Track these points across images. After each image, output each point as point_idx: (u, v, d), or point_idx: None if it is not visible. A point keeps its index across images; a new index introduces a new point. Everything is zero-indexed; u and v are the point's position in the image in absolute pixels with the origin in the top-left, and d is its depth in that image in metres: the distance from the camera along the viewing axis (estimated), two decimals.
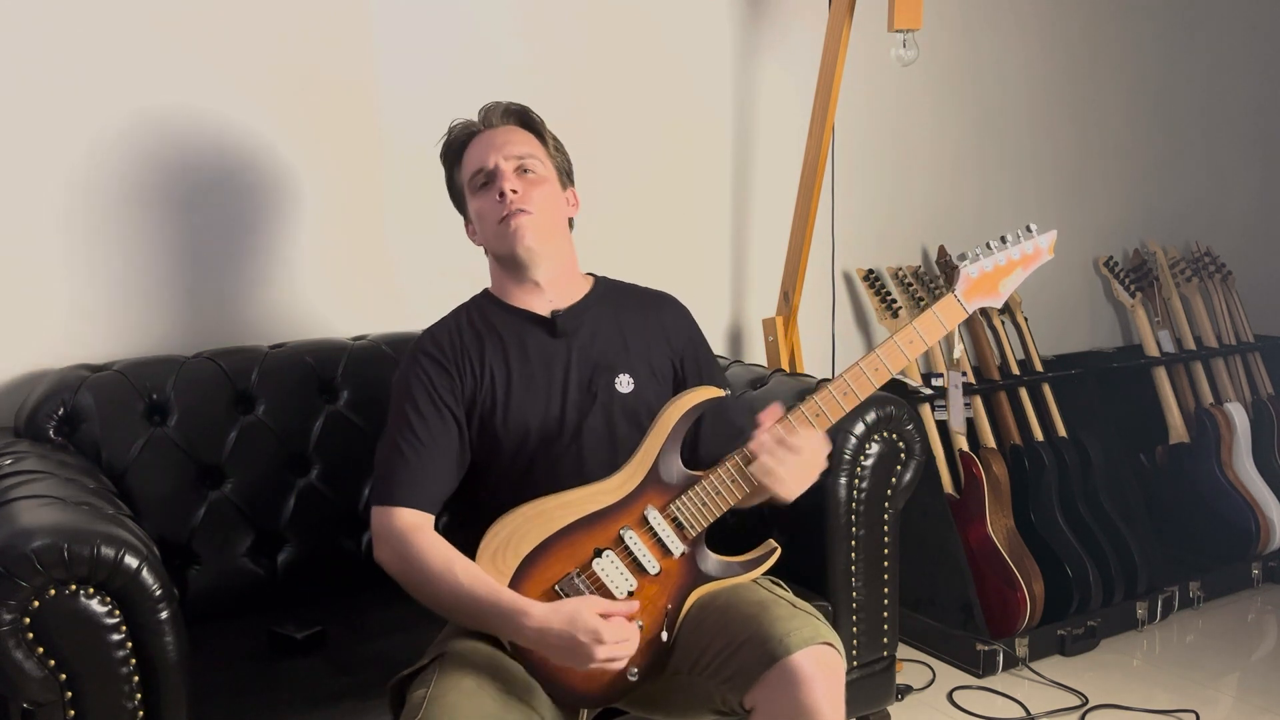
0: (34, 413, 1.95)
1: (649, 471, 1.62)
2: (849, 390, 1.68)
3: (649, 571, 1.59)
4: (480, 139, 1.77)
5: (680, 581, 1.62)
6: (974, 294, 1.72)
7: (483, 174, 1.74)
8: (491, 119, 1.79)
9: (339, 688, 1.73)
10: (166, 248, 2.20)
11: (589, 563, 1.58)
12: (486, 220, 1.74)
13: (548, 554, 1.57)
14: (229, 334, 2.25)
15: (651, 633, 1.59)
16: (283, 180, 2.30)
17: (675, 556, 1.61)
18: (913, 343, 1.69)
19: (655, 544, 1.60)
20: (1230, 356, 3.56)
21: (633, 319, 1.80)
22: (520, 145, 1.75)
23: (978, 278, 1.72)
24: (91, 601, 1.47)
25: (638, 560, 1.59)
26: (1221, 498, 3.32)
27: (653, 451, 1.63)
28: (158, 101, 2.15)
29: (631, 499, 1.61)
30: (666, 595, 1.60)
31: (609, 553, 1.58)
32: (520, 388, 1.70)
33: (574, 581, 1.56)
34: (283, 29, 2.26)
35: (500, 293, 1.80)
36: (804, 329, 2.87)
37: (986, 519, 2.86)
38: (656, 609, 1.60)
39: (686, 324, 1.86)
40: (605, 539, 1.59)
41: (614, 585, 1.57)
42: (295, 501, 2.10)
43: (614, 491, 1.61)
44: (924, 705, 2.62)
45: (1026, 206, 3.43)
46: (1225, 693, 2.70)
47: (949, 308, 1.71)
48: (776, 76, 2.89)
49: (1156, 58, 3.66)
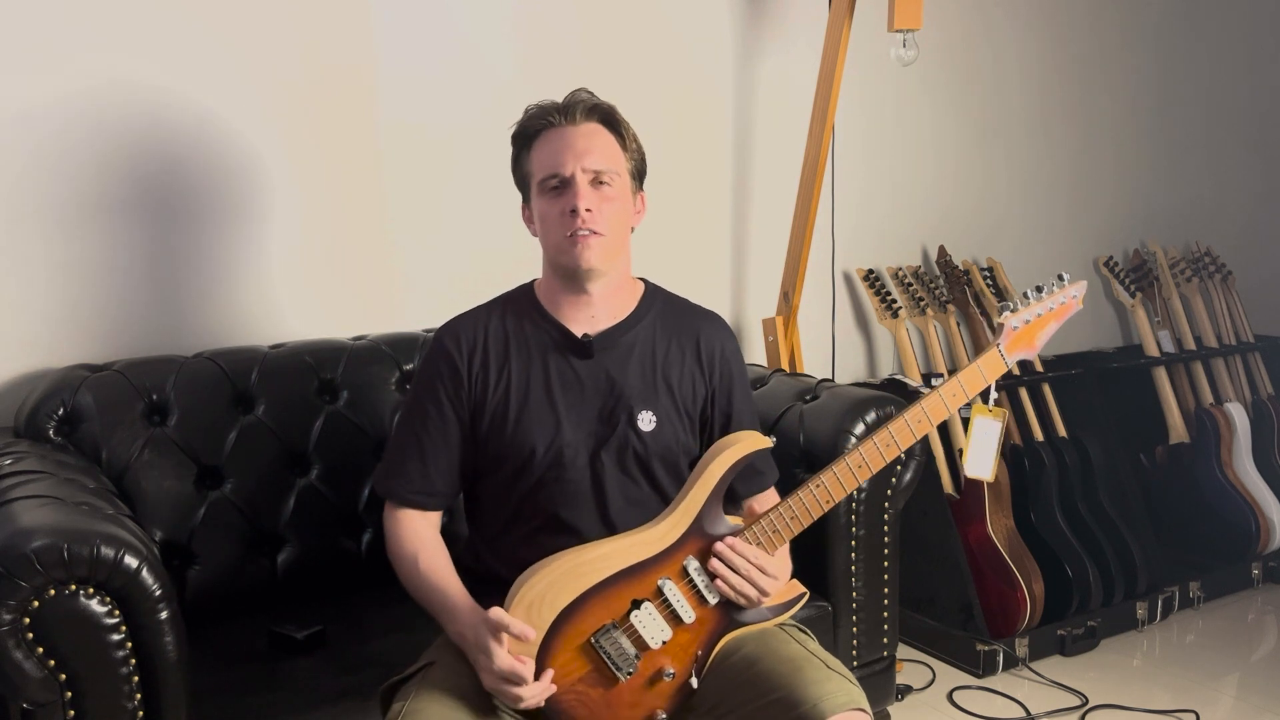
0: (34, 413, 1.95)
1: (692, 523, 1.58)
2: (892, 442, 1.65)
3: (685, 621, 1.56)
4: (558, 135, 1.65)
5: (712, 628, 1.59)
6: (1015, 347, 1.72)
7: (556, 179, 1.63)
8: (575, 114, 1.66)
9: (339, 688, 1.73)
10: (166, 247, 2.20)
11: (627, 615, 1.54)
12: (551, 227, 1.65)
13: (585, 606, 1.53)
14: (229, 334, 2.25)
15: (681, 679, 1.56)
16: (283, 179, 2.30)
17: (711, 606, 1.58)
18: (955, 395, 1.67)
19: (693, 594, 1.57)
20: (1230, 356, 3.56)
21: (672, 348, 1.72)
22: (600, 154, 1.64)
23: (1020, 330, 1.72)
24: (91, 601, 1.47)
25: (675, 611, 1.56)
26: (1221, 498, 3.32)
27: (698, 502, 1.59)
28: (156, 100, 2.15)
29: (672, 550, 1.57)
30: (698, 642, 1.58)
31: (648, 604, 1.55)
32: (534, 406, 1.66)
33: (611, 634, 1.53)
34: (282, 27, 2.26)
35: (545, 296, 1.72)
36: (804, 329, 2.87)
37: (986, 519, 2.86)
38: (687, 656, 1.57)
39: (724, 357, 1.76)
40: (644, 590, 1.55)
41: (650, 637, 1.54)
42: (295, 501, 2.10)
43: (656, 543, 1.57)
44: (924, 705, 2.62)
45: (1027, 206, 3.43)
46: (1225, 693, 2.70)
47: (992, 361, 1.69)
48: (777, 76, 2.89)
49: (1157, 58, 3.66)
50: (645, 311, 1.73)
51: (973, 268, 3.23)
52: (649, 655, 1.54)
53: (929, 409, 1.66)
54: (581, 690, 1.52)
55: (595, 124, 1.66)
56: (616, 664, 1.52)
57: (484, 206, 2.46)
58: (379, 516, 1.74)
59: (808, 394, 2.20)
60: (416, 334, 2.29)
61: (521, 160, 1.70)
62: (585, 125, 1.65)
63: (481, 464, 1.69)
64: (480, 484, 1.71)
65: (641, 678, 1.54)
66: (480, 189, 2.46)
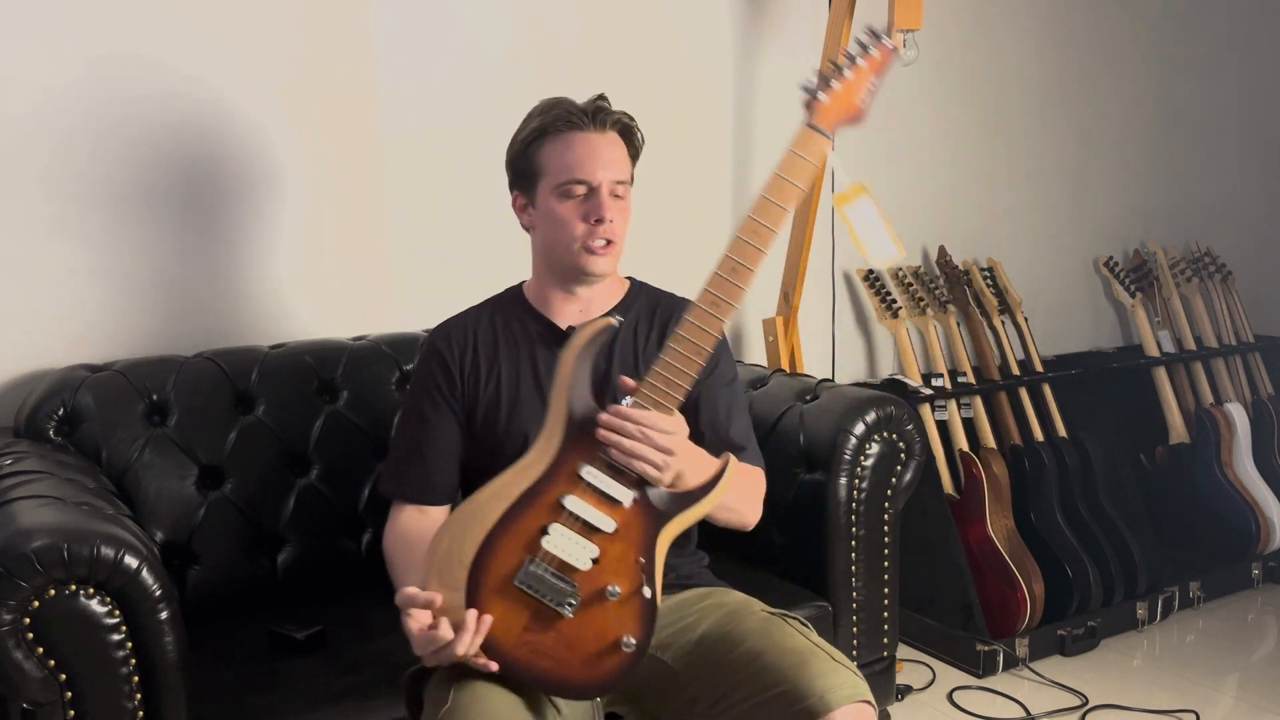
0: (34, 413, 1.95)
1: (565, 427, 1.50)
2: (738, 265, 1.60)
3: (605, 531, 1.47)
4: (585, 141, 1.67)
5: (642, 530, 1.49)
6: (831, 116, 1.59)
7: (583, 187, 1.66)
8: (605, 122, 1.69)
9: (339, 688, 1.72)
10: (166, 247, 2.20)
11: (539, 544, 1.45)
12: (565, 231, 1.67)
13: (494, 550, 1.45)
14: (229, 334, 2.25)
15: (630, 593, 1.46)
16: (283, 179, 2.30)
17: (627, 506, 1.48)
18: (782, 189, 1.57)
19: (601, 500, 1.47)
20: (1230, 356, 3.56)
21: (652, 335, 1.75)
22: (621, 166, 1.69)
23: (830, 101, 1.59)
24: (91, 601, 1.47)
25: (589, 523, 1.47)
26: (1221, 498, 3.32)
27: (561, 406, 1.51)
28: (156, 99, 2.15)
29: (559, 462, 1.49)
30: (635, 549, 1.48)
31: (555, 525, 1.46)
32: (525, 399, 1.70)
33: (531, 570, 1.44)
34: (282, 28, 2.26)
35: (534, 294, 1.77)
36: (804, 329, 2.87)
37: (986, 519, 2.86)
38: (628, 568, 1.47)
39: None
40: (548, 513, 1.47)
41: (574, 558, 1.44)
42: (295, 501, 2.10)
43: (538, 461, 1.49)
44: (924, 705, 2.62)
45: (1027, 206, 3.43)
46: (1225, 693, 2.70)
47: (806, 140, 1.57)
48: (777, 76, 2.89)
49: (1157, 58, 3.66)
50: (629, 305, 1.79)
51: (973, 268, 3.23)
52: (584, 579, 1.45)
53: (761, 215, 1.57)
54: (532, 639, 1.44)
55: (616, 134, 1.71)
56: (552, 598, 1.44)
57: (485, 207, 2.45)
58: (379, 516, 1.75)
59: (808, 394, 2.20)
60: (416, 334, 2.29)
61: (532, 151, 1.69)
62: (610, 134, 1.70)
63: (479, 458, 1.72)
64: (479, 477, 1.71)
65: (588, 607, 1.45)
66: (481, 189, 2.46)
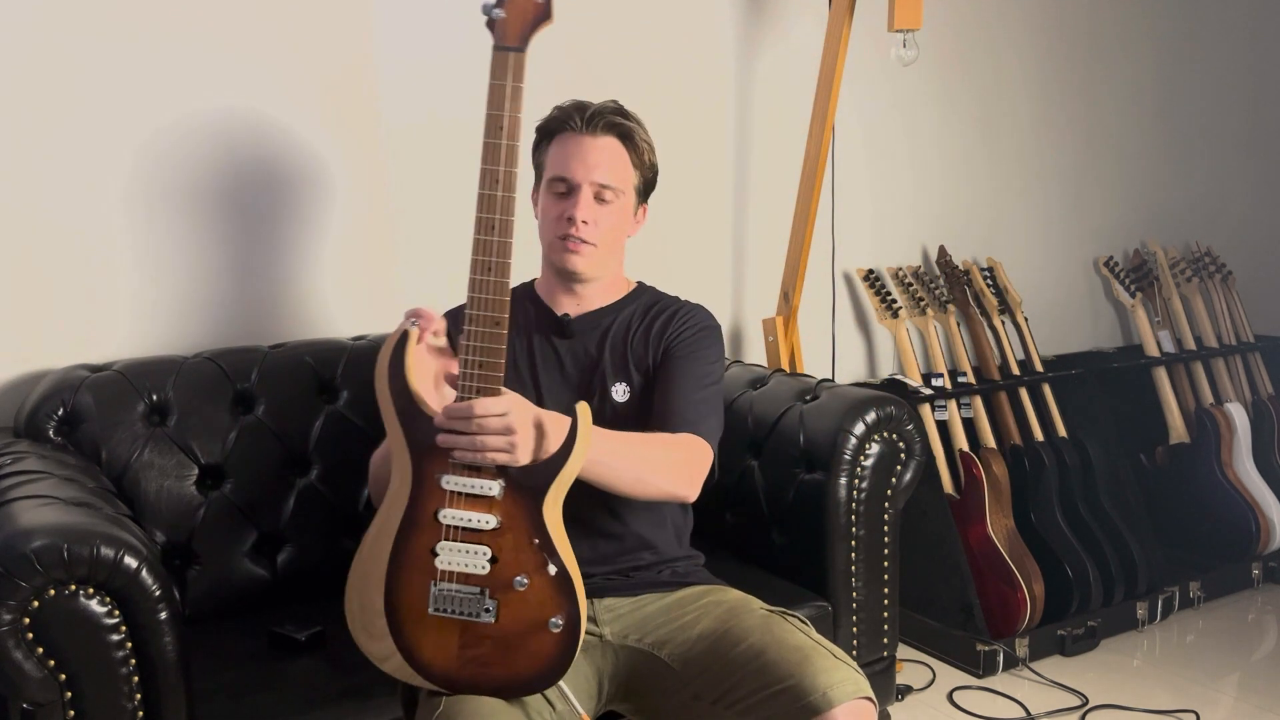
0: (34, 413, 1.95)
1: (408, 447, 1.49)
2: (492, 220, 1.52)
3: (489, 529, 1.46)
4: (574, 142, 1.73)
5: (525, 513, 1.47)
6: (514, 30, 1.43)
7: (564, 184, 1.72)
8: (596, 125, 1.73)
9: (339, 688, 1.73)
10: (165, 248, 2.20)
11: (433, 566, 1.47)
12: (549, 224, 1.75)
13: (399, 589, 1.48)
14: (229, 334, 2.25)
15: (538, 572, 1.47)
16: (282, 180, 2.30)
17: (498, 497, 1.47)
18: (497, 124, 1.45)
19: (472, 501, 1.47)
20: (1230, 356, 3.56)
21: (644, 328, 1.80)
22: (609, 169, 1.72)
23: (509, 14, 1.42)
24: (91, 601, 1.47)
25: (470, 528, 1.47)
26: (1221, 498, 3.32)
27: (395, 429, 1.50)
28: (155, 102, 2.15)
29: (419, 481, 1.49)
30: (524, 534, 1.47)
31: (442, 544, 1.47)
32: (517, 381, 1.74)
33: (438, 593, 1.47)
34: (282, 29, 2.26)
35: (542, 284, 1.84)
36: (804, 329, 2.87)
37: (986, 519, 2.86)
38: (527, 554, 1.47)
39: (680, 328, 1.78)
40: (430, 534, 1.48)
41: (471, 566, 1.46)
42: (295, 501, 2.10)
43: (401, 487, 1.50)
44: (924, 705, 2.62)
45: (1027, 206, 3.43)
46: (1225, 693, 2.70)
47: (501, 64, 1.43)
48: (777, 76, 2.89)
49: (1157, 58, 3.66)
50: (626, 304, 1.82)
51: (973, 268, 3.23)
52: (489, 581, 1.46)
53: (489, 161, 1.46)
54: (472, 655, 1.47)
55: (612, 138, 1.74)
56: (469, 611, 1.46)
57: None
58: None
59: (808, 394, 2.20)
60: None
61: (540, 150, 1.80)
62: (602, 139, 1.73)
63: None
64: None
65: (506, 606, 1.46)
66: None
